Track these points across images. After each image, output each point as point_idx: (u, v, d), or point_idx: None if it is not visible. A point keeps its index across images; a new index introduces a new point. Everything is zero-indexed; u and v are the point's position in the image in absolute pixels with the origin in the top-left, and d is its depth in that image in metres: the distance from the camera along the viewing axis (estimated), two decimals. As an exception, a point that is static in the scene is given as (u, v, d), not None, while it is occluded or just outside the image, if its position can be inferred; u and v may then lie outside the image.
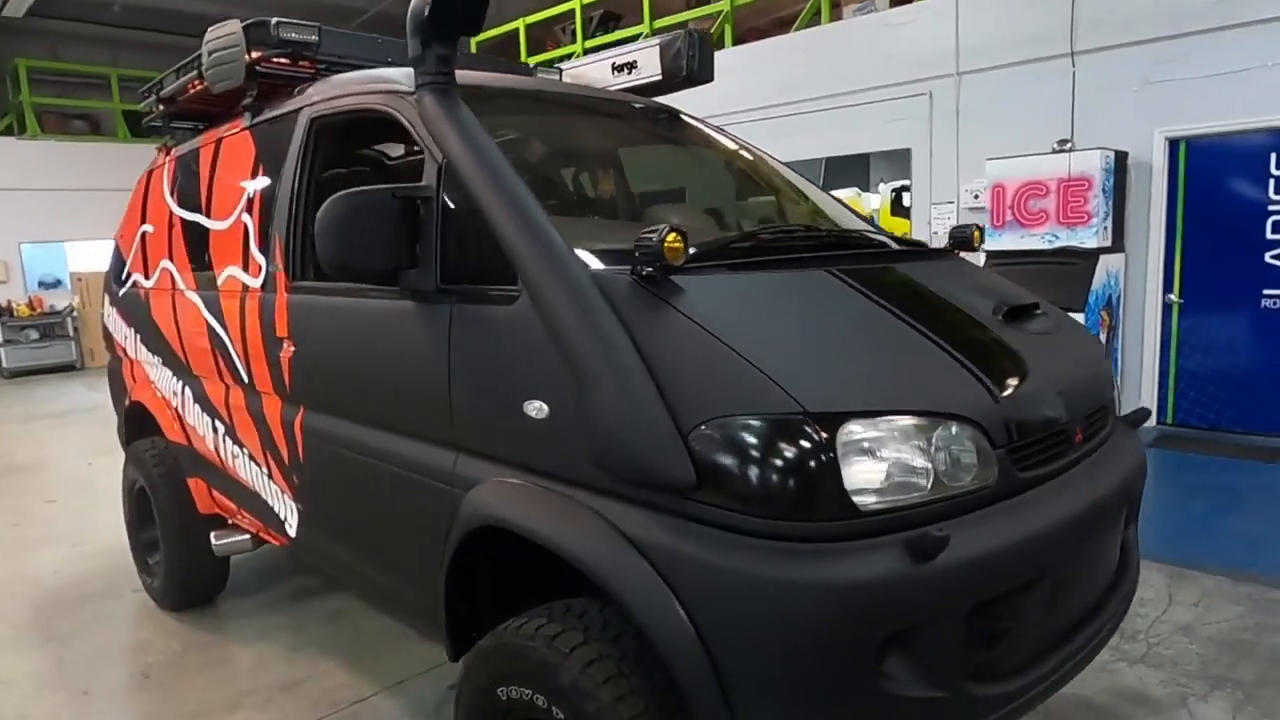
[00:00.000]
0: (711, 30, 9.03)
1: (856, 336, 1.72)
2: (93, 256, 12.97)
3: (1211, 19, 5.62)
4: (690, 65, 3.39)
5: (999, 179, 6.07)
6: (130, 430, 3.95)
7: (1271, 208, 5.59)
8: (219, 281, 3.03)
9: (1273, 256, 5.62)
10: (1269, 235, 5.61)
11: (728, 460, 1.45)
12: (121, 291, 3.96)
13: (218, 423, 3.15)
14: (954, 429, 1.53)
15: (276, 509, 2.88)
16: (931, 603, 1.43)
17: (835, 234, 2.35)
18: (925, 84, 6.95)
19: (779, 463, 1.42)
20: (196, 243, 3.26)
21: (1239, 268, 5.74)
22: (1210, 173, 5.80)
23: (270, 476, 2.87)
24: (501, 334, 1.83)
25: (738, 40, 8.86)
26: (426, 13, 1.95)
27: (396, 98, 2.29)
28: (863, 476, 1.44)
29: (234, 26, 2.94)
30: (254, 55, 2.90)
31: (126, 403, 3.92)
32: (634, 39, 9.21)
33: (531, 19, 10.75)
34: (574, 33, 10.36)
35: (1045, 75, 6.27)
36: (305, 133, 2.67)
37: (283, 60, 3.00)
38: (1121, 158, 5.89)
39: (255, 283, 2.79)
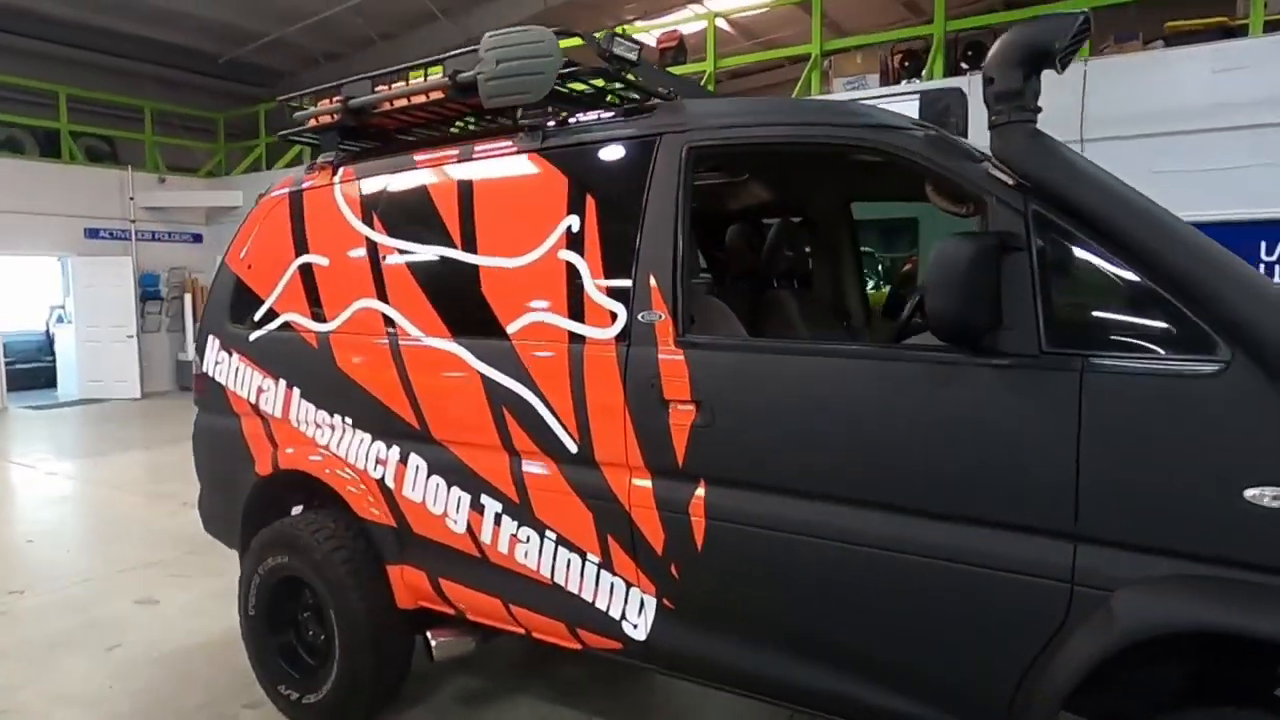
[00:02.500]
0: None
1: None
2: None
3: (1206, 122, 6.36)
4: (955, 125, 3.32)
5: (1029, 251, 6.44)
6: (261, 505, 3.20)
7: (1261, 290, 6.30)
8: (512, 329, 2.53)
9: (1262, 333, 6.30)
10: (1258, 315, 6.31)
11: None
12: (255, 335, 3.23)
13: (485, 499, 2.60)
14: None
15: (606, 606, 2.40)
16: None
17: None
18: (935, 158, 7.29)
19: None
20: (446, 282, 2.73)
21: (1231, 343, 6.38)
22: (1206, 256, 6.45)
23: (606, 566, 2.38)
24: (1200, 411, 1.62)
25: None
26: (1058, 45, 1.75)
27: (897, 133, 2.05)
28: None
29: (543, 34, 2.52)
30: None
31: (264, 470, 3.14)
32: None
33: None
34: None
35: (1055, 158, 6.77)
36: (682, 163, 2.32)
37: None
38: (1134, 237, 6.44)
39: (603, 334, 2.35)
